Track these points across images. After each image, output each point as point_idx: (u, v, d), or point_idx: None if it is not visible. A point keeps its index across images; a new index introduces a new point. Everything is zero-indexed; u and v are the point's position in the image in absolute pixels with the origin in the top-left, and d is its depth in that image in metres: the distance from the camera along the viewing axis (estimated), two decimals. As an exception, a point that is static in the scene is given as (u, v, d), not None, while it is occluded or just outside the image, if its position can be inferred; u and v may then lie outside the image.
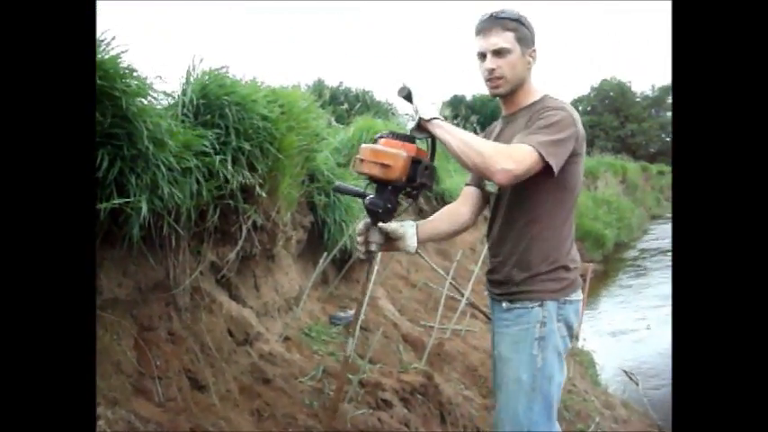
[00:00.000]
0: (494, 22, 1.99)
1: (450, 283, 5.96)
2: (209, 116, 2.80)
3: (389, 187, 1.91)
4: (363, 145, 1.96)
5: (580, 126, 1.97)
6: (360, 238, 2.05)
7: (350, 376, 3.53)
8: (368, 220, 2.03)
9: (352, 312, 4.51)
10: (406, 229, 2.04)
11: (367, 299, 4.31)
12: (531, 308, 1.96)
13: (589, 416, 4.31)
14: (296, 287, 4.20)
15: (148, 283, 2.83)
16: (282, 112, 3.19)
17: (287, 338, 3.67)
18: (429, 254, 7.57)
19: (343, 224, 4.39)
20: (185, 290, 2.98)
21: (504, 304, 2.03)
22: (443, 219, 2.26)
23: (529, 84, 2.07)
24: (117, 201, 2.19)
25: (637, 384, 6.07)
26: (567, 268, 1.99)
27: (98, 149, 2.17)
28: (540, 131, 1.88)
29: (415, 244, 2.06)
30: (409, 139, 1.94)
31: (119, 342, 2.48)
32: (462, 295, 6.20)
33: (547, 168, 1.85)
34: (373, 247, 2.02)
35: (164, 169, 2.34)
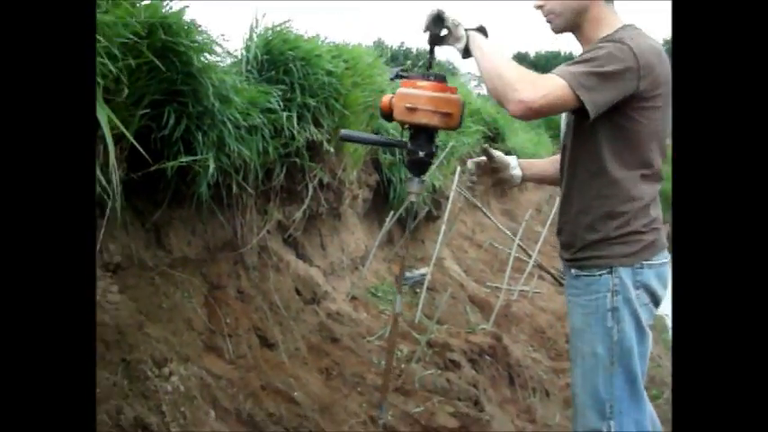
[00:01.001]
0: None
1: (518, 244, 5.83)
2: (273, 72, 2.75)
3: (430, 133, 1.79)
4: (407, 90, 1.73)
5: (654, 64, 1.65)
6: (474, 178, 1.97)
7: (417, 336, 3.50)
8: (481, 159, 1.94)
9: (418, 272, 4.48)
10: (510, 159, 1.95)
11: (434, 260, 4.26)
12: (600, 275, 1.74)
13: (663, 382, 4.15)
14: (362, 247, 4.18)
15: (217, 242, 2.85)
16: (347, 68, 3.12)
17: (354, 298, 3.66)
18: (494, 214, 7.44)
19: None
20: (253, 249, 2.98)
21: (573, 270, 1.86)
22: (552, 162, 2.11)
23: (598, 15, 1.77)
24: (184, 159, 2.17)
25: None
26: (640, 231, 1.74)
27: (164, 106, 2.16)
28: (580, 63, 1.64)
29: (520, 174, 1.95)
30: (445, 79, 1.80)
31: (189, 300, 2.50)
32: (530, 256, 6.07)
33: (582, 106, 1.61)
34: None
35: (230, 126, 2.31)
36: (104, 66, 1.64)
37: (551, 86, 1.61)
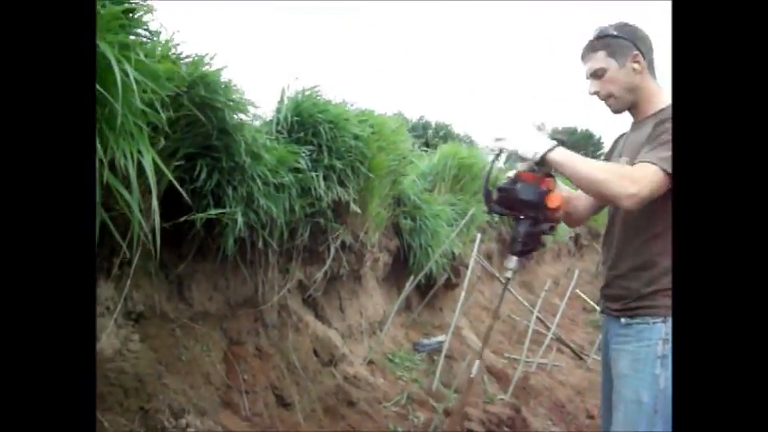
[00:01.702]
0: (586, 46, 1.94)
1: (537, 316, 5.77)
2: (302, 134, 2.82)
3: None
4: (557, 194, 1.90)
5: None
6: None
7: (434, 404, 3.44)
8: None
9: (435, 339, 4.43)
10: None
11: (452, 328, 4.22)
12: (654, 323, 1.78)
13: None
14: (380, 311, 4.16)
15: (237, 298, 2.86)
16: (373, 132, 3.19)
17: (371, 362, 3.62)
18: (512, 285, 7.39)
19: (429, 249, 4.32)
20: (273, 307, 2.99)
21: (622, 320, 1.88)
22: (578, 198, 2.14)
23: (650, 90, 1.92)
24: (213, 211, 2.22)
25: None
26: None
27: (197, 160, 2.22)
28: (663, 146, 1.73)
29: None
30: None
31: (208, 354, 2.50)
32: (548, 329, 5.99)
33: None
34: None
35: (259, 183, 2.36)
36: (153, 114, 1.70)
37: (647, 175, 1.71)
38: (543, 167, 1.85)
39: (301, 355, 3.01)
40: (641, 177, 1.70)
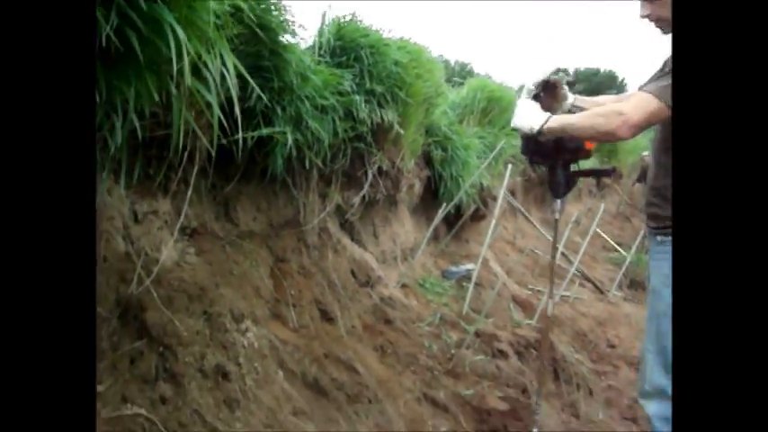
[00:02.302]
0: None
1: (562, 252, 5.87)
2: (344, 58, 2.86)
3: None
4: None
5: None
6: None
7: (465, 326, 3.57)
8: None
9: (464, 267, 4.54)
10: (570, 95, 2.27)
11: (482, 257, 4.33)
12: None
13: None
14: (411, 239, 4.26)
15: (280, 219, 2.96)
16: (412, 59, 3.21)
17: (404, 286, 3.74)
18: (535, 223, 7.46)
19: (459, 179, 4.39)
20: (313, 229, 3.09)
21: (658, 237, 1.97)
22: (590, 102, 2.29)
23: None
24: (265, 130, 2.28)
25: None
26: None
27: (248, 80, 2.27)
28: (663, 77, 1.81)
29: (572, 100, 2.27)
30: None
31: (257, 269, 2.61)
32: (571, 263, 6.10)
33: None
34: None
35: (307, 104, 2.41)
36: (225, 23, 1.76)
37: (641, 102, 1.80)
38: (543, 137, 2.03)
39: (340, 275, 3.13)
40: (631, 107, 1.80)
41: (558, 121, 1.99)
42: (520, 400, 2.92)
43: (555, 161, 2.13)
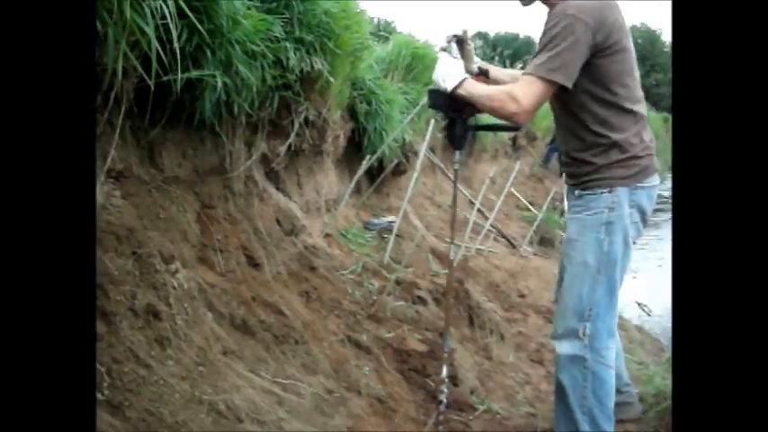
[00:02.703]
0: None
1: (479, 208, 6.09)
2: (274, 4, 2.84)
3: None
4: None
5: (603, 19, 1.92)
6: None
7: (386, 275, 3.69)
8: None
9: (385, 219, 4.65)
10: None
11: (402, 210, 4.45)
12: (601, 194, 2.02)
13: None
14: (334, 190, 4.32)
15: (205, 166, 2.94)
16: (341, 9, 3.22)
17: (327, 235, 3.81)
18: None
19: (383, 133, 4.47)
20: (239, 177, 3.09)
21: (576, 192, 2.12)
22: (510, 76, 2.39)
23: None
24: (195, 72, 2.26)
25: (648, 315, 6.26)
26: (637, 156, 2.03)
27: (177, 21, 2.24)
28: (540, 53, 1.94)
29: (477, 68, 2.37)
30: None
31: (184, 214, 2.61)
32: (486, 219, 6.35)
33: (561, 86, 1.92)
34: None
35: (238, 49, 2.40)
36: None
37: (526, 88, 1.93)
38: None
39: (266, 223, 3.16)
40: (521, 94, 1.93)
41: (468, 89, 2.06)
42: (438, 343, 3.08)
43: (455, 114, 2.21)
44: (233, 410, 1.86)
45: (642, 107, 2.09)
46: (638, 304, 6.58)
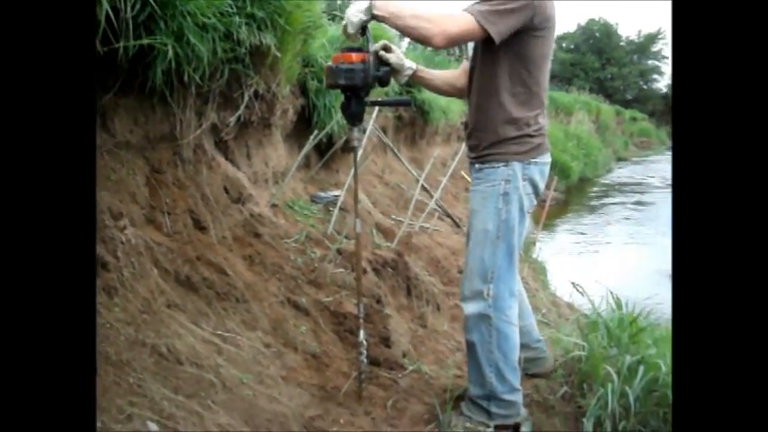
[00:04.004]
0: None
1: (423, 185, 6.30)
2: (227, -21, 2.96)
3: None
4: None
5: (547, 4, 2.15)
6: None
7: (329, 245, 3.87)
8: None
9: (331, 193, 4.83)
10: (408, 62, 2.43)
11: (347, 184, 4.62)
12: (498, 167, 2.26)
13: (537, 308, 4.77)
14: (283, 163, 4.47)
15: (156, 133, 3.06)
16: (293, -12, 3.36)
17: (274, 205, 3.97)
18: (404, 160, 7.89)
19: (332, 110, 4.62)
20: (189, 144, 3.22)
21: (476, 165, 2.35)
22: (440, 76, 2.58)
23: None
24: (147, 39, 2.39)
25: (582, 295, 6.59)
26: (531, 135, 2.26)
27: (132, -8, 2.35)
28: (484, 3, 2.13)
29: (413, 70, 2.48)
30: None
31: (133, 177, 2.74)
32: (432, 197, 6.57)
33: (489, 37, 2.09)
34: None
35: (189, 20, 2.53)
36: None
37: (461, 20, 2.09)
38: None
39: (214, 190, 3.30)
40: (451, 20, 2.08)
41: (389, 7, 2.12)
42: (373, 307, 3.29)
43: (352, 91, 2.32)
44: (174, 354, 2.03)
45: (546, 94, 2.33)
46: (573, 284, 6.93)
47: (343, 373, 2.72)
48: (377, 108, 4.89)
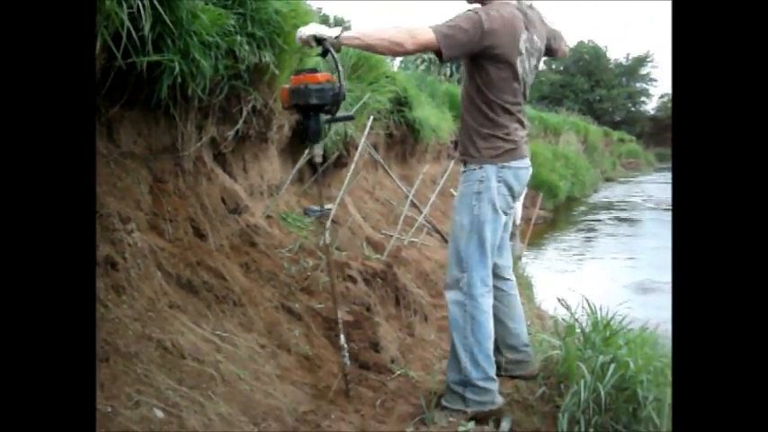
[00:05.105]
0: None
1: (412, 200, 6.48)
2: (229, 1, 3.14)
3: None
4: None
5: (497, 29, 2.38)
6: None
7: (321, 255, 4.02)
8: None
9: (324, 207, 4.98)
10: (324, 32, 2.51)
11: (339, 198, 4.79)
12: (473, 170, 2.53)
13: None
14: (277, 177, 4.63)
15: (158, 145, 3.22)
16: (291, 9, 3.55)
17: (269, 217, 4.12)
18: (394, 176, 8.08)
19: (326, 126, 4.78)
20: (189, 156, 3.38)
21: (461, 169, 2.59)
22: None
23: None
24: (156, 56, 2.56)
25: (566, 309, 6.75)
26: (503, 139, 2.53)
27: (143, 11, 2.53)
28: (446, 21, 2.40)
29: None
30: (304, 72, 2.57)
31: (138, 186, 2.89)
32: (421, 212, 6.75)
33: (439, 51, 2.35)
34: None
35: (195, 39, 2.70)
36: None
37: (427, 32, 2.35)
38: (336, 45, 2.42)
39: (212, 200, 3.46)
40: (419, 30, 2.33)
41: (353, 32, 2.40)
42: (363, 314, 3.44)
43: (310, 111, 2.54)
44: (177, 349, 2.18)
45: (522, 112, 2.62)
46: (558, 300, 7.09)
47: (333, 375, 2.86)
48: (368, 125, 5.07)
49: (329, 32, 2.42)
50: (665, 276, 5.77)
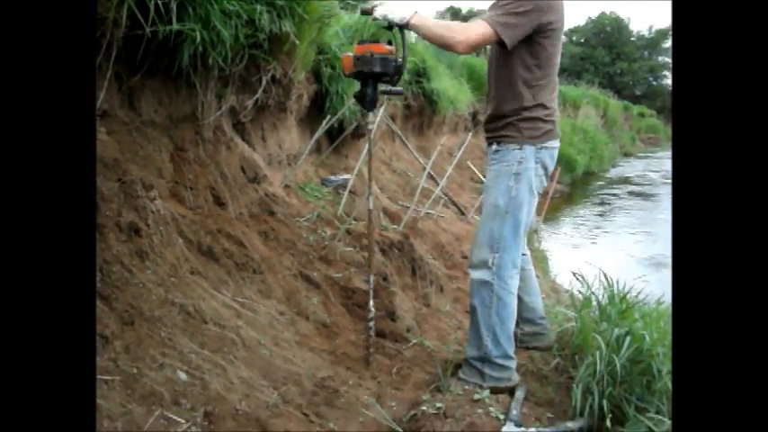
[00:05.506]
0: None
1: (429, 173, 6.48)
2: (249, -30, 3.13)
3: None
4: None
5: (557, 5, 2.37)
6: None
7: (338, 225, 4.06)
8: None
9: (341, 177, 5.01)
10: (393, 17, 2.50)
11: (357, 169, 4.80)
12: (513, 149, 2.46)
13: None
14: (295, 147, 4.65)
15: (179, 114, 3.25)
16: (311, -21, 3.53)
17: (287, 186, 4.15)
18: (411, 148, 8.06)
19: (345, 96, 4.79)
20: (209, 125, 3.40)
21: (493, 146, 2.54)
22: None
23: None
24: (177, 25, 2.57)
25: (581, 283, 6.76)
26: (544, 120, 2.47)
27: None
28: (498, 7, 2.36)
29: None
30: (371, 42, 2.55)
31: (159, 154, 2.92)
32: (437, 184, 6.75)
33: (502, 41, 2.33)
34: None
35: (216, 7, 2.71)
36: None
37: (480, 29, 2.33)
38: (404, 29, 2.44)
39: (231, 169, 3.49)
40: (471, 30, 2.33)
41: (419, 19, 2.41)
42: (380, 283, 3.48)
43: (371, 79, 2.53)
44: (200, 313, 2.22)
45: (556, 86, 2.53)
46: (573, 273, 7.10)
47: (351, 342, 2.91)
48: (386, 97, 5.06)
49: (399, 16, 2.42)
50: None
